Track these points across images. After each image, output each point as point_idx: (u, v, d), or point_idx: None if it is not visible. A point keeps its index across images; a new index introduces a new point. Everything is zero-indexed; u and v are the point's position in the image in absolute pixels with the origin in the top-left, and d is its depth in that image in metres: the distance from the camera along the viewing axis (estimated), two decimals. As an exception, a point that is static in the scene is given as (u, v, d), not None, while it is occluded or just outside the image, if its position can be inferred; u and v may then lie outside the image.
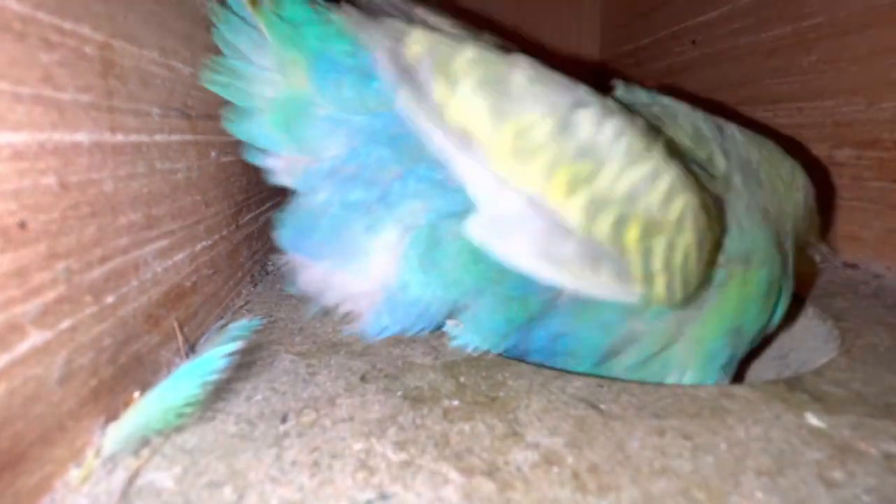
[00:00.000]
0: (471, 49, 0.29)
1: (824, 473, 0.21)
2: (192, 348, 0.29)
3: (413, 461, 0.21)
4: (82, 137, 0.21)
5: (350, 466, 0.21)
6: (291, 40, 0.33)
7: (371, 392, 0.26)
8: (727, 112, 0.38)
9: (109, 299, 0.22)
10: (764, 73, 0.56)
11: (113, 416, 0.22)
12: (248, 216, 0.42)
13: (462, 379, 0.28)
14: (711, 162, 0.33)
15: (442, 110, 0.28)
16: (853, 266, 0.46)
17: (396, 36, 0.30)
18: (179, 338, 0.28)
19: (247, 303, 0.39)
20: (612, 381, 0.28)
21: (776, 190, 0.35)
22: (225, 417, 0.24)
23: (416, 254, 0.30)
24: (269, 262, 0.48)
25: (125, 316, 0.24)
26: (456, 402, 0.25)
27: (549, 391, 0.26)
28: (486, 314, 0.31)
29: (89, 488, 0.19)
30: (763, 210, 0.34)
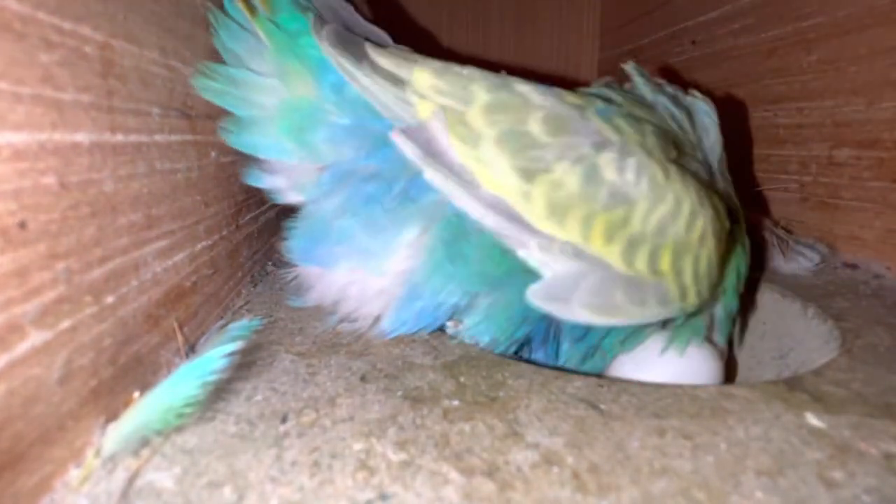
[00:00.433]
0: (481, 91, 0.29)
1: (824, 473, 0.21)
2: (192, 348, 0.29)
3: (413, 461, 0.21)
4: (82, 137, 0.21)
5: (350, 466, 0.21)
6: (292, 50, 0.32)
7: (371, 392, 0.26)
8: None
9: (109, 299, 0.22)
10: (764, 73, 0.56)
11: (113, 417, 0.22)
12: (248, 216, 0.42)
13: (462, 379, 0.28)
14: (687, 136, 0.35)
15: (471, 176, 0.29)
16: (853, 266, 0.46)
17: (396, 77, 0.30)
18: (179, 338, 0.28)
19: (247, 303, 0.39)
20: (612, 381, 0.28)
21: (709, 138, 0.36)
22: (225, 418, 0.24)
23: (442, 246, 0.30)
24: (270, 263, 0.48)
25: (125, 316, 0.24)
26: (456, 402, 0.25)
27: (549, 391, 0.26)
28: (504, 305, 0.31)
29: (89, 488, 0.19)
30: (719, 164, 0.36)
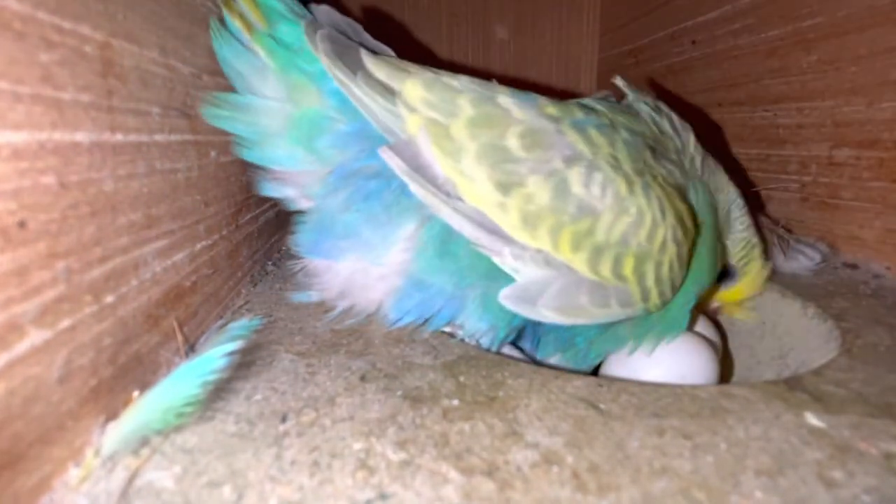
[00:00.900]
0: (467, 105, 0.31)
1: (824, 473, 0.21)
2: (191, 348, 0.29)
3: (413, 461, 0.21)
4: (82, 137, 0.21)
5: (350, 466, 0.21)
6: (294, 65, 0.33)
7: (371, 392, 0.26)
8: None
9: (109, 299, 0.22)
10: (764, 73, 0.56)
11: (112, 416, 0.22)
12: (247, 216, 0.42)
13: (462, 379, 0.28)
14: (670, 140, 0.37)
15: (454, 188, 0.31)
16: (853, 266, 0.46)
17: (388, 88, 0.32)
18: (179, 337, 0.28)
19: (246, 302, 0.39)
20: (611, 381, 0.28)
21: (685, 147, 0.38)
22: (224, 417, 0.24)
23: (432, 242, 0.32)
24: (269, 262, 0.48)
25: (125, 315, 0.24)
26: (456, 402, 0.25)
27: (548, 391, 0.26)
28: (496, 295, 0.31)
29: (89, 488, 0.19)
30: (694, 166, 0.38)
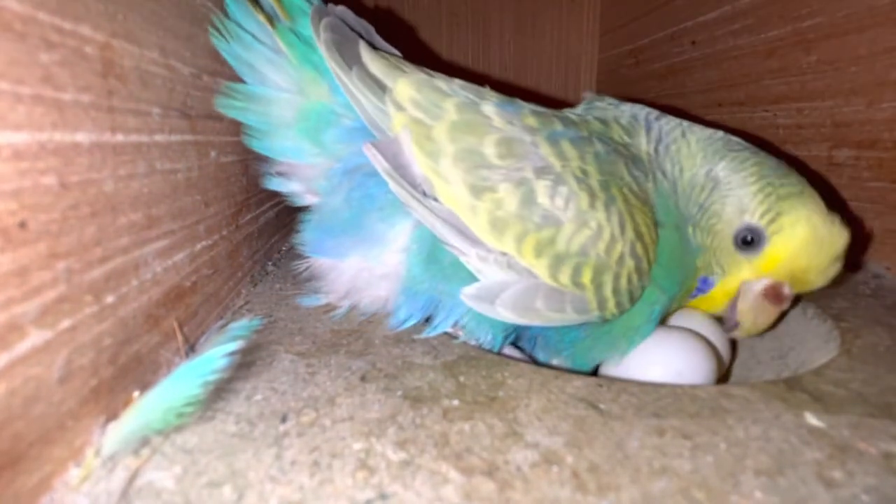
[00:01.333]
0: (452, 109, 0.32)
1: (824, 473, 0.21)
2: (191, 348, 0.29)
3: (413, 461, 0.21)
4: (82, 137, 0.21)
5: (350, 466, 0.21)
6: (309, 59, 0.35)
7: (371, 392, 0.26)
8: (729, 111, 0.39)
9: (109, 299, 0.22)
10: (764, 74, 0.56)
11: (113, 416, 0.22)
12: (247, 216, 0.42)
13: (462, 379, 0.28)
14: (640, 147, 0.37)
15: (431, 187, 0.32)
16: (853, 266, 0.46)
17: (381, 84, 0.33)
18: (179, 337, 0.28)
19: (247, 303, 0.39)
20: (611, 381, 0.28)
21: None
22: (225, 417, 0.24)
23: (418, 248, 0.33)
24: (270, 262, 0.48)
25: (125, 316, 0.24)
26: (456, 402, 0.25)
27: (548, 391, 0.26)
28: None
29: (89, 488, 0.19)
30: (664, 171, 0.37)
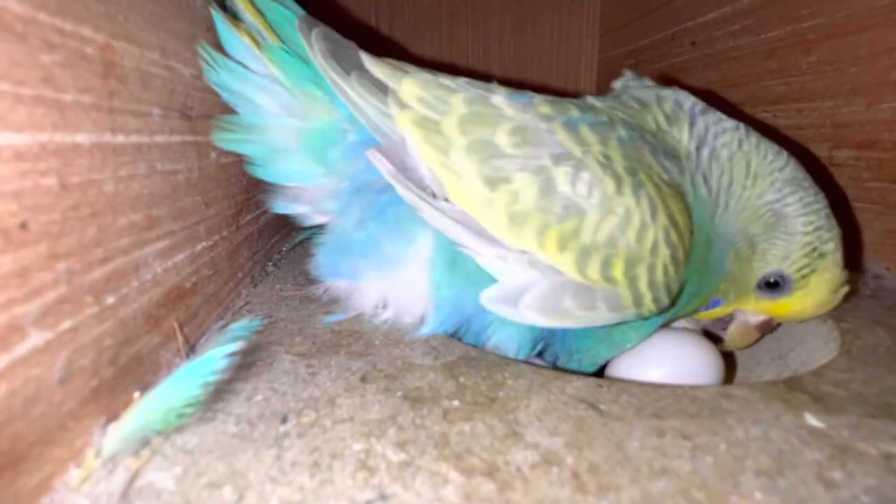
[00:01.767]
0: (460, 103, 0.31)
1: (824, 474, 0.21)
2: (192, 349, 0.29)
3: (413, 461, 0.21)
4: (83, 138, 0.21)
5: (350, 466, 0.21)
6: (305, 76, 0.33)
7: (371, 392, 0.26)
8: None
9: (110, 300, 0.22)
10: (763, 74, 0.56)
11: (113, 417, 0.22)
12: (248, 217, 0.42)
13: (462, 379, 0.28)
14: (680, 141, 0.34)
15: (440, 185, 0.30)
16: (853, 267, 0.46)
17: (384, 86, 0.32)
18: (180, 338, 0.28)
19: (247, 303, 0.39)
20: (611, 382, 0.28)
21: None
22: (225, 418, 0.24)
23: (442, 258, 0.32)
24: (270, 263, 0.48)
25: (126, 316, 0.24)
26: (456, 403, 0.25)
27: (548, 391, 0.26)
28: None
29: (89, 488, 0.19)
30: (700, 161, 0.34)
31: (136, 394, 0.24)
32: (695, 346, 0.36)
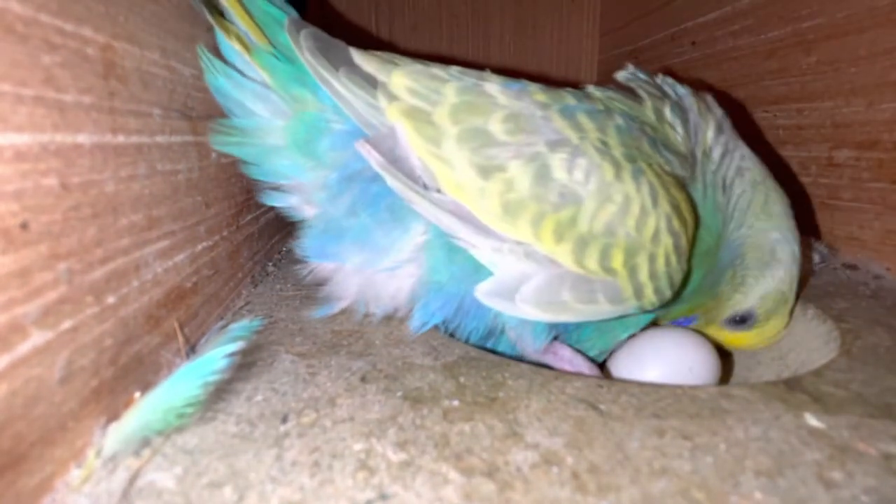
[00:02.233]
0: (451, 93, 0.30)
1: (823, 474, 0.21)
2: (192, 349, 0.30)
3: (413, 461, 0.21)
4: (84, 139, 0.21)
5: (350, 466, 0.21)
6: (292, 77, 0.33)
7: (371, 392, 0.26)
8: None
9: (110, 300, 0.22)
10: (763, 74, 0.56)
11: (114, 417, 0.22)
12: (248, 217, 0.42)
13: (462, 379, 0.28)
14: (689, 139, 0.34)
15: (432, 176, 0.30)
16: (853, 267, 0.46)
17: (374, 79, 0.31)
18: (180, 338, 0.29)
19: (247, 303, 0.39)
20: (611, 382, 0.28)
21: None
22: (225, 418, 0.24)
23: (438, 244, 0.31)
24: (270, 263, 0.48)
25: (126, 316, 0.24)
26: (456, 403, 0.25)
27: (548, 391, 0.26)
28: None
29: (90, 488, 0.19)
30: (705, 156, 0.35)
31: (137, 394, 0.24)
32: (694, 346, 0.36)
